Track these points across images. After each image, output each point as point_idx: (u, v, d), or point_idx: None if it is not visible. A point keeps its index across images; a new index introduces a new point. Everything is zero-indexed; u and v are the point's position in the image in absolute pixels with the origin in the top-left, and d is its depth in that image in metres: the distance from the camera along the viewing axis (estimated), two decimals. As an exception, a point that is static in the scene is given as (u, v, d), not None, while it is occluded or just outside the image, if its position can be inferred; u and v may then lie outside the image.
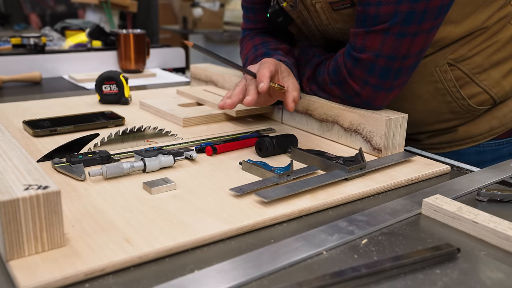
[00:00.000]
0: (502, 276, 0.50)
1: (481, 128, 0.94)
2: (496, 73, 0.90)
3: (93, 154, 0.75)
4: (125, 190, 0.66)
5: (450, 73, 0.89)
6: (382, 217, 0.61)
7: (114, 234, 0.54)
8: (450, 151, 0.97)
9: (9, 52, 1.65)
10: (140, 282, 0.47)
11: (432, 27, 0.78)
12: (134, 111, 1.10)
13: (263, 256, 0.51)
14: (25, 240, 0.48)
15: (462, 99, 0.90)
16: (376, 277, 0.48)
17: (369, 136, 0.84)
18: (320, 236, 0.56)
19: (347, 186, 0.70)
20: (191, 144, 0.86)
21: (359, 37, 0.80)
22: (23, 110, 1.08)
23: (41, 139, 0.88)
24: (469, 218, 0.58)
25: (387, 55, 0.79)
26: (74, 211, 0.59)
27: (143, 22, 3.29)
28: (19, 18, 3.95)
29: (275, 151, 0.82)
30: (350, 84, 0.84)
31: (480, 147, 0.95)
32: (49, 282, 0.45)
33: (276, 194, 0.63)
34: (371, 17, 0.78)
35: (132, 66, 1.64)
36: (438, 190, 0.69)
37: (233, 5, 4.52)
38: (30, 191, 0.48)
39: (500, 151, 0.95)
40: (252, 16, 1.09)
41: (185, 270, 0.49)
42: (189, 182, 0.69)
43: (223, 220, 0.58)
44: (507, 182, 0.75)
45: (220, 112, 1.02)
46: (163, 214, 0.59)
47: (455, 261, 0.52)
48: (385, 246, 0.55)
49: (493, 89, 0.90)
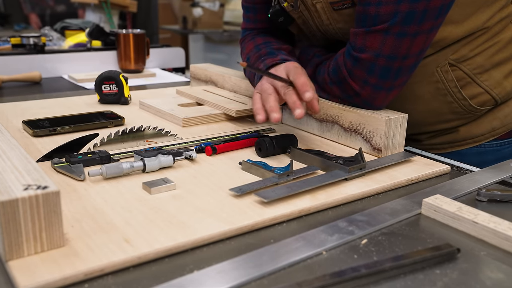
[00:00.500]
0: (502, 276, 0.50)
1: (483, 128, 0.94)
2: (498, 73, 0.90)
3: (92, 154, 0.75)
4: (124, 190, 0.66)
5: (451, 73, 0.89)
6: (382, 217, 0.61)
7: (114, 234, 0.54)
8: (451, 151, 0.97)
9: (8, 52, 1.65)
10: (140, 282, 0.47)
11: (432, 27, 0.77)
12: (133, 111, 1.10)
13: (263, 256, 0.51)
14: (25, 240, 0.48)
15: (463, 100, 0.90)
16: (376, 277, 0.48)
17: (369, 136, 0.83)
18: (320, 236, 0.56)
19: (347, 186, 0.69)
20: (190, 144, 0.85)
21: (359, 37, 0.80)
22: (23, 110, 1.08)
23: (40, 139, 0.88)
24: (469, 218, 0.58)
25: (387, 55, 0.78)
26: (74, 211, 0.59)
27: (143, 22, 3.29)
28: (19, 18, 3.95)
29: (275, 151, 0.82)
30: (350, 84, 0.84)
31: (482, 148, 0.95)
32: (48, 282, 0.45)
33: (276, 194, 0.63)
34: (371, 17, 0.78)
35: (131, 66, 1.64)
36: (438, 190, 0.69)
37: (233, 5, 4.52)
38: (29, 191, 0.48)
39: (501, 152, 0.95)
40: (252, 15, 1.09)
41: (185, 270, 0.49)
42: (188, 182, 0.69)
43: (223, 220, 0.58)
44: (507, 182, 0.75)
45: (219, 112, 1.02)
46: (163, 214, 0.59)
47: (455, 261, 0.52)
48: (385, 246, 0.55)
49: (494, 90, 0.90)
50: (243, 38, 1.11)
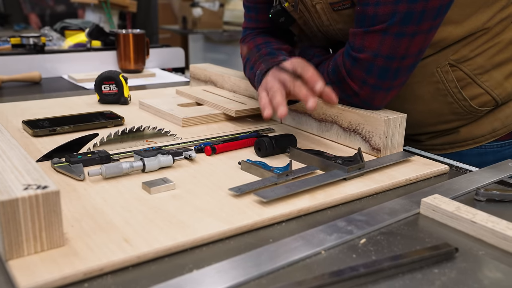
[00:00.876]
0: (500, 275, 0.50)
1: (483, 129, 0.94)
2: (498, 74, 0.90)
3: (92, 154, 0.75)
4: (124, 190, 0.66)
5: (451, 73, 0.89)
6: (381, 217, 0.61)
7: (113, 234, 0.54)
8: (452, 152, 0.97)
9: (8, 52, 1.65)
10: (139, 282, 0.47)
11: (431, 28, 0.78)
12: (133, 111, 1.10)
13: (262, 255, 0.51)
14: (24, 239, 0.48)
15: (464, 100, 0.90)
16: (375, 276, 0.48)
17: (368, 136, 0.84)
18: (319, 236, 0.56)
19: (346, 186, 0.70)
20: (190, 144, 0.86)
21: (358, 37, 0.81)
22: (23, 110, 1.08)
23: (40, 139, 0.88)
24: (468, 218, 0.58)
25: (385, 55, 0.79)
26: (73, 211, 0.59)
27: (142, 22, 3.28)
28: (19, 18, 3.95)
29: (274, 151, 0.82)
30: (349, 84, 0.84)
31: (482, 149, 0.95)
32: (48, 281, 0.45)
33: (275, 194, 0.63)
34: (370, 17, 0.78)
35: (131, 66, 1.65)
36: (437, 190, 0.69)
37: (233, 5, 4.52)
38: (29, 191, 0.48)
39: (502, 153, 0.95)
40: (254, 15, 1.09)
41: (184, 270, 0.49)
42: (188, 182, 0.69)
43: (222, 220, 0.58)
44: (506, 182, 0.75)
45: (219, 112, 1.02)
46: (162, 214, 0.59)
47: (453, 261, 0.52)
48: (383, 246, 0.55)
49: (495, 90, 0.90)
50: (243, 37, 1.11)
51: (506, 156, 0.95)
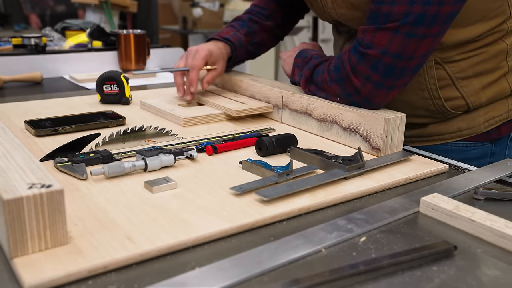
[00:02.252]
0: (499, 273, 0.51)
1: (449, 128, 0.95)
2: (477, 82, 0.91)
3: (94, 153, 0.76)
4: (126, 189, 0.67)
5: (434, 70, 0.90)
6: (381, 216, 0.62)
7: (116, 232, 0.55)
8: (418, 145, 0.97)
9: (10, 52, 1.65)
10: (142, 279, 0.48)
11: (439, 32, 0.79)
12: (135, 111, 1.10)
13: (263, 253, 0.52)
14: (29, 238, 0.49)
15: (439, 99, 0.91)
16: (374, 274, 0.49)
17: (368, 136, 0.84)
18: (319, 234, 0.56)
19: (346, 185, 0.70)
20: (191, 144, 0.86)
21: (368, 33, 0.82)
22: (25, 110, 1.08)
23: (42, 138, 0.88)
24: (466, 216, 0.59)
25: (393, 54, 0.80)
26: (77, 210, 0.60)
27: (143, 22, 3.29)
28: (19, 18, 3.95)
29: (275, 150, 0.82)
30: (352, 80, 0.85)
31: (448, 146, 0.96)
32: (52, 279, 0.46)
33: (275, 192, 0.64)
34: (384, 14, 0.79)
35: (132, 66, 1.65)
36: (436, 189, 0.70)
37: (233, 5, 4.53)
38: (33, 189, 0.48)
39: (467, 153, 0.96)
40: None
41: (186, 268, 0.50)
42: (189, 181, 0.70)
43: (224, 218, 0.59)
44: (505, 181, 0.76)
45: (220, 112, 1.03)
46: (164, 213, 0.60)
47: (452, 259, 0.53)
48: (383, 244, 0.56)
49: (470, 97, 0.91)
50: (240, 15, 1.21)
51: (470, 156, 0.96)
